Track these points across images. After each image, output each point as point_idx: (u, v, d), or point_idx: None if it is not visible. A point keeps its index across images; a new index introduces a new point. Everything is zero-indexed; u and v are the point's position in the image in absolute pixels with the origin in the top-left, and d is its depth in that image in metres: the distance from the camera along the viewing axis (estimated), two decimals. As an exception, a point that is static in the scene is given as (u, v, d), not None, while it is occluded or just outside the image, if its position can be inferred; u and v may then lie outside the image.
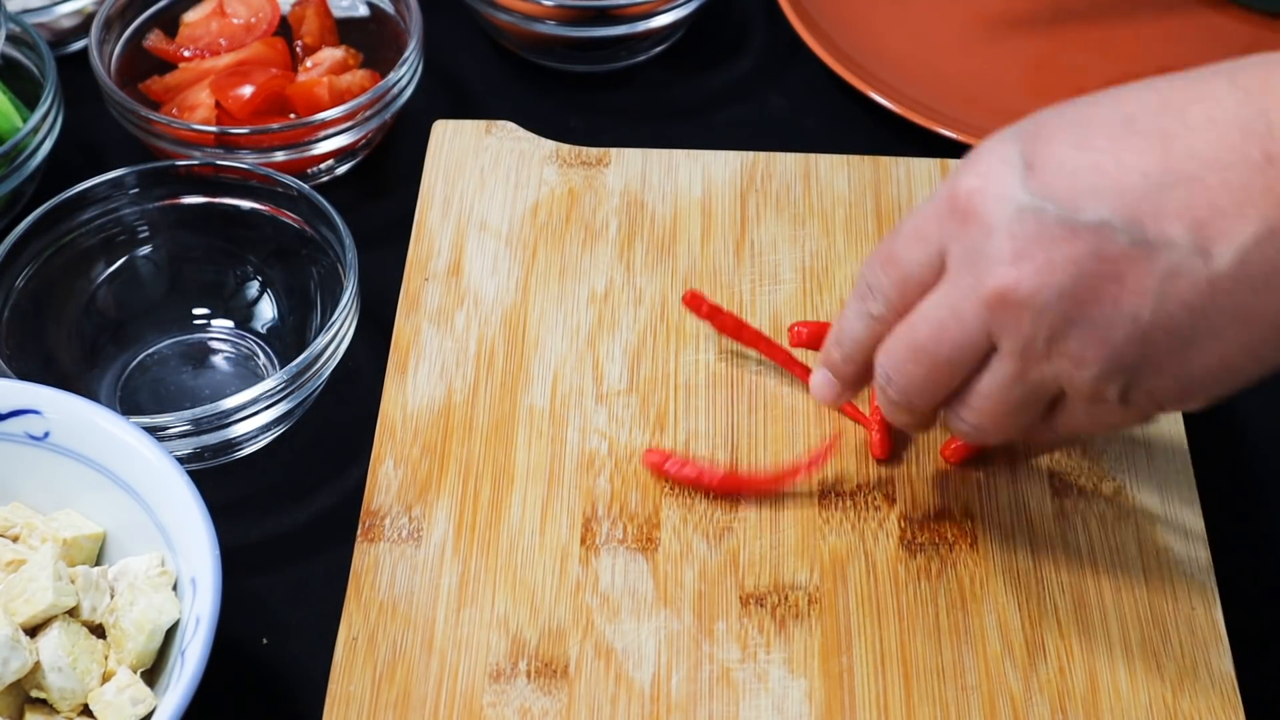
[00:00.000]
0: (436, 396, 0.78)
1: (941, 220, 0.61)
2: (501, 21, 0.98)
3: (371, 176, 0.95)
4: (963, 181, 0.61)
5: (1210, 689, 0.68)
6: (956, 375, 0.63)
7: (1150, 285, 0.57)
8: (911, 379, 0.64)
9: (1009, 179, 0.59)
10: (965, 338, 0.61)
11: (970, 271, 0.60)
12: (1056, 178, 0.58)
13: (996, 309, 0.60)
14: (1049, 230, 0.58)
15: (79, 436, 0.70)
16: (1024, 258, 0.58)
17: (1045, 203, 0.58)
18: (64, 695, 0.65)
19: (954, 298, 0.61)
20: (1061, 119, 0.60)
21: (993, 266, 0.59)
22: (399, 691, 0.68)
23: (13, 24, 0.91)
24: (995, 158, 0.60)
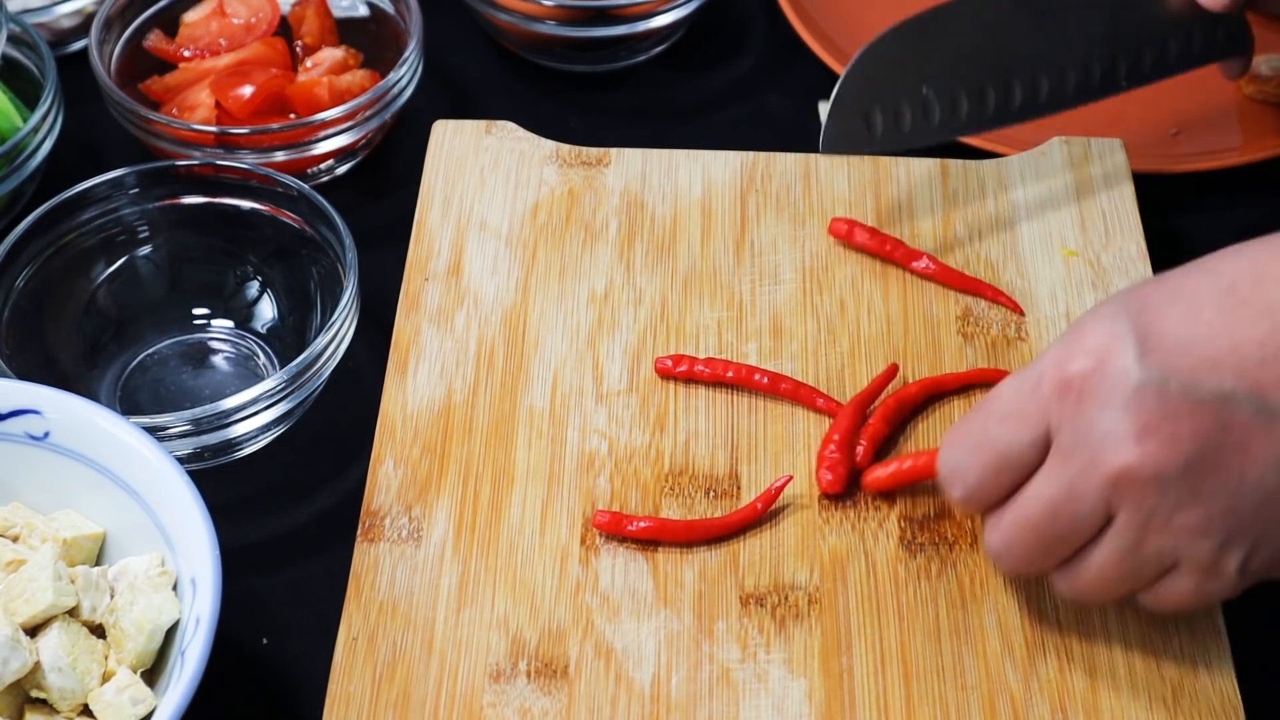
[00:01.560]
0: (436, 396, 0.78)
1: (1047, 399, 0.62)
2: (501, 21, 0.98)
3: (371, 176, 0.95)
4: (1073, 360, 0.61)
5: (1210, 689, 0.68)
6: (1070, 547, 0.64)
7: (1274, 452, 0.59)
8: (1024, 556, 0.64)
9: (1125, 355, 0.60)
10: (1082, 515, 0.62)
11: (1087, 450, 0.60)
12: (1173, 353, 0.59)
13: (1120, 486, 0.60)
14: (1172, 405, 0.59)
15: (79, 436, 0.70)
16: (1149, 433, 0.59)
17: (1167, 378, 0.59)
18: (64, 695, 0.65)
19: (1068, 476, 0.61)
20: (1160, 292, 0.61)
21: (1115, 443, 0.60)
22: (399, 691, 0.68)
23: (13, 24, 0.91)
24: (1105, 334, 0.61)
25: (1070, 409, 0.61)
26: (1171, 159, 0.92)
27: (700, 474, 0.75)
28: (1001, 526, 0.64)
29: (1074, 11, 0.83)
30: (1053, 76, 0.83)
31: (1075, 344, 0.62)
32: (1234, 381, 0.58)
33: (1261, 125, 0.95)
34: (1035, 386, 0.62)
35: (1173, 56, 0.85)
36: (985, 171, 0.87)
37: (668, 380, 0.78)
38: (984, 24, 0.82)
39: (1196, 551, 0.61)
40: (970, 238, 0.84)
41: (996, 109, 0.83)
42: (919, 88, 0.82)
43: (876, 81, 0.81)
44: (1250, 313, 0.59)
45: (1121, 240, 0.84)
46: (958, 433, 0.65)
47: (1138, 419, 0.59)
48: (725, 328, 0.81)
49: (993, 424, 0.64)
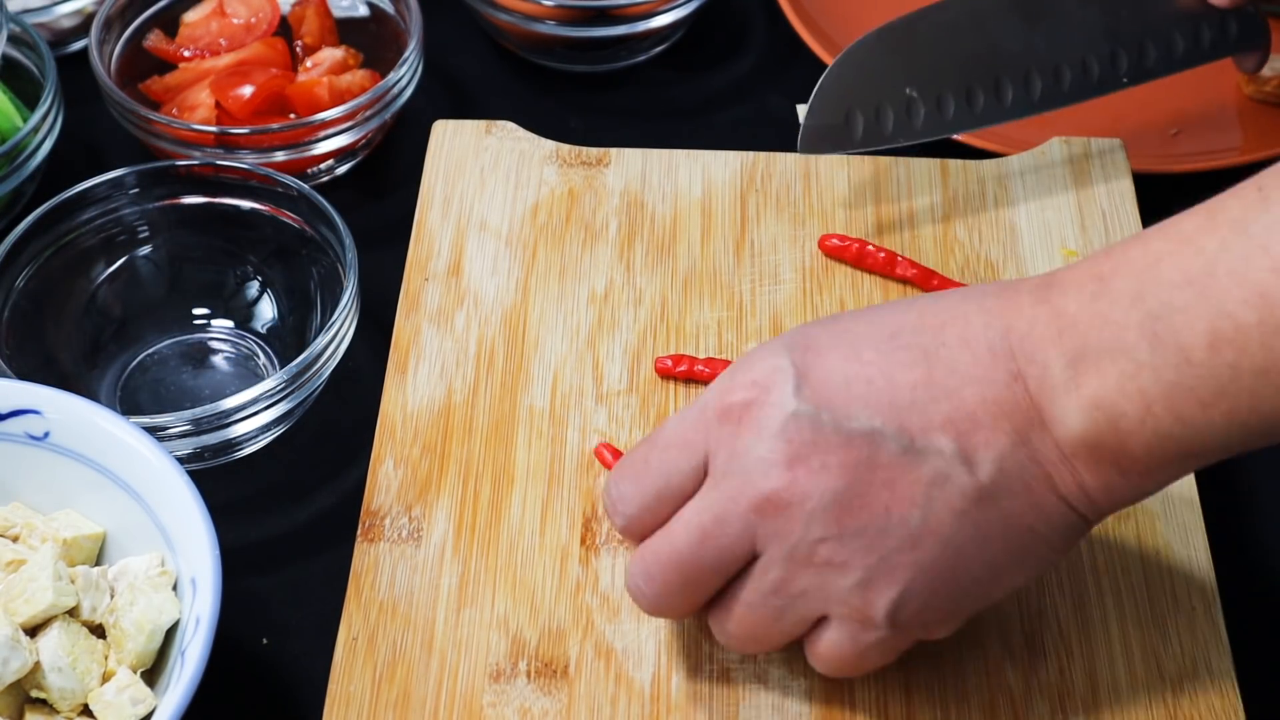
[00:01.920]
0: (436, 396, 0.78)
1: (708, 427, 0.61)
2: (501, 21, 0.98)
3: (371, 176, 0.95)
4: (735, 391, 0.61)
5: (1210, 689, 0.68)
6: (715, 583, 0.62)
7: (919, 491, 0.59)
8: (667, 588, 0.62)
9: (783, 387, 0.60)
10: (728, 543, 0.61)
11: (738, 476, 0.60)
12: (829, 388, 0.60)
13: (767, 512, 0.60)
14: (823, 436, 0.59)
15: (79, 436, 0.70)
16: (798, 461, 0.59)
17: (819, 411, 0.59)
18: (64, 695, 0.65)
19: (718, 503, 0.61)
20: (828, 332, 0.62)
21: (765, 469, 0.60)
22: (399, 691, 0.68)
23: (13, 24, 0.91)
24: (767, 367, 0.61)
25: (728, 435, 0.61)
26: (1171, 159, 0.92)
27: (700, 474, 0.75)
28: (645, 556, 0.63)
29: (1071, 8, 0.82)
30: (1047, 74, 0.82)
31: (739, 375, 0.62)
32: (884, 420, 0.59)
33: (1261, 125, 0.95)
34: (699, 415, 0.62)
35: (1179, 52, 0.84)
36: (985, 171, 0.87)
37: (668, 380, 0.78)
38: (972, 23, 0.81)
39: (840, 590, 0.60)
40: (970, 238, 0.84)
41: (986, 107, 0.82)
42: (902, 88, 0.81)
43: (857, 82, 0.81)
44: (907, 358, 0.60)
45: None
46: (623, 462, 0.64)
47: (788, 447, 0.59)
48: (725, 328, 0.81)
49: (656, 452, 0.63)
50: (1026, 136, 0.90)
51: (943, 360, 0.60)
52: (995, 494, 0.59)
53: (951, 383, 0.59)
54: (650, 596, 0.63)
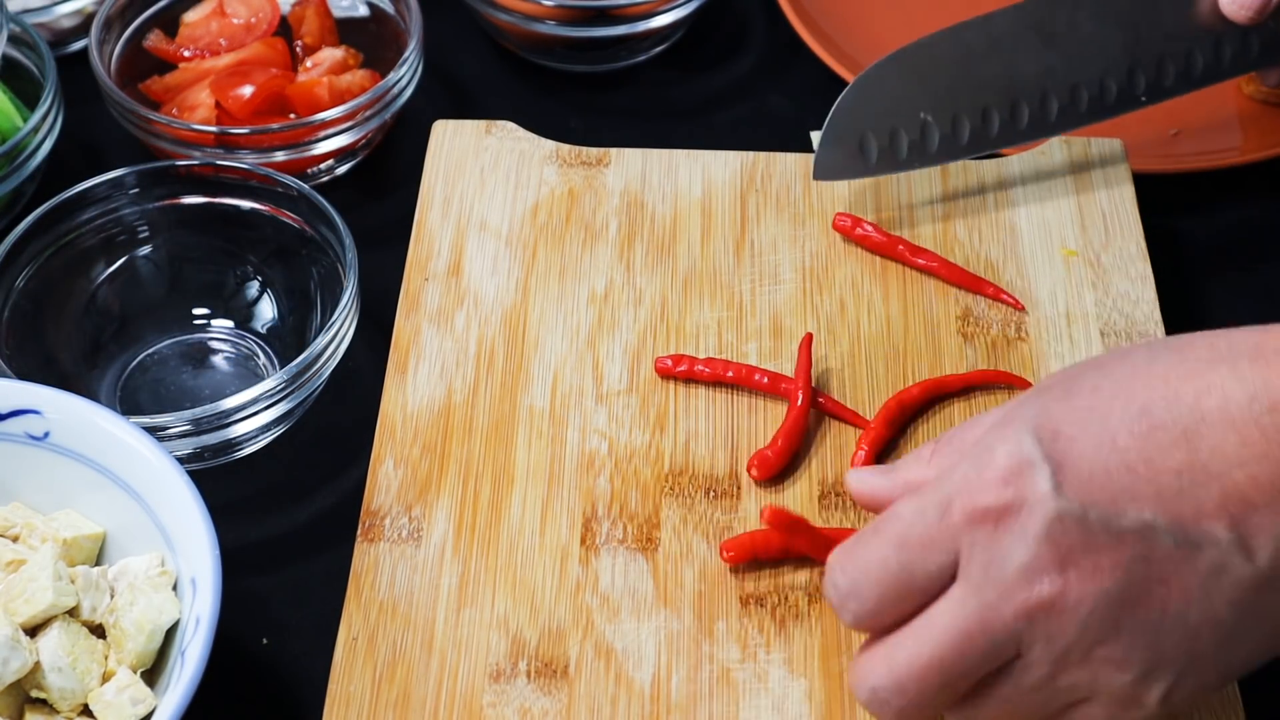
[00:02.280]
0: (436, 396, 0.78)
1: (957, 528, 0.58)
2: (501, 21, 0.98)
3: (371, 176, 0.95)
4: (985, 490, 0.58)
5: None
6: (970, 684, 0.59)
7: (1196, 584, 0.56)
8: (923, 696, 0.59)
9: (1040, 484, 0.57)
10: (994, 648, 0.58)
11: (1001, 580, 0.57)
12: (1091, 481, 0.57)
13: (1038, 618, 0.57)
14: (1092, 536, 0.56)
15: (79, 436, 0.70)
16: (1070, 565, 0.56)
17: (1086, 509, 0.56)
18: (64, 695, 0.65)
19: (981, 609, 0.58)
20: (1073, 411, 0.59)
21: (1033, 575, 0.57)
22: (399, 691, 0.68)
23: (13, 24, 0.91)
24: (1018, 461, 0.58)
25: (983, 538, 0.57)
26: (1171, 159, 0.92)
27: (700, 474, 0.75)
28: (896, 662, 0.59)
29: (1087, 28, 0.81)
30: (1063, 95, 0.81)
31: (986, 470, 0.58)
32: (1154, 512, 0.56)
33: (1261, 125, 0.95)
34: (943, 513, 0.58)
35: (1199, 69, 0.83)
36: (985, 171, 0.87)
37: (668, 380, 0.78)
38: (989, 46, 0.81)
39: (1114, 684, 0.58)
40: (970, 238, 0.84)
41: (1001, 129, 0.82)
42: (916, 112, 0.81)
43: (870, 108, 0.81)
44: (1166, 439, 0.57)
45: (1121, 240, 0.84)
46: (851, 553, 0.61)
47: (1057, 551, 0.56)
48: (725, 328, 0.81)
49: (893, 548, 0.59)
50: (1026, 136, 0.90)
51: (1205, 441, 0.56)
52: (1274, 578, 0.57)
53: (1217, 465, 0.56)
54: (903, 708, 0.60)
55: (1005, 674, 0.59)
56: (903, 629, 0.60)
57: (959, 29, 0.81)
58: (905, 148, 0.80)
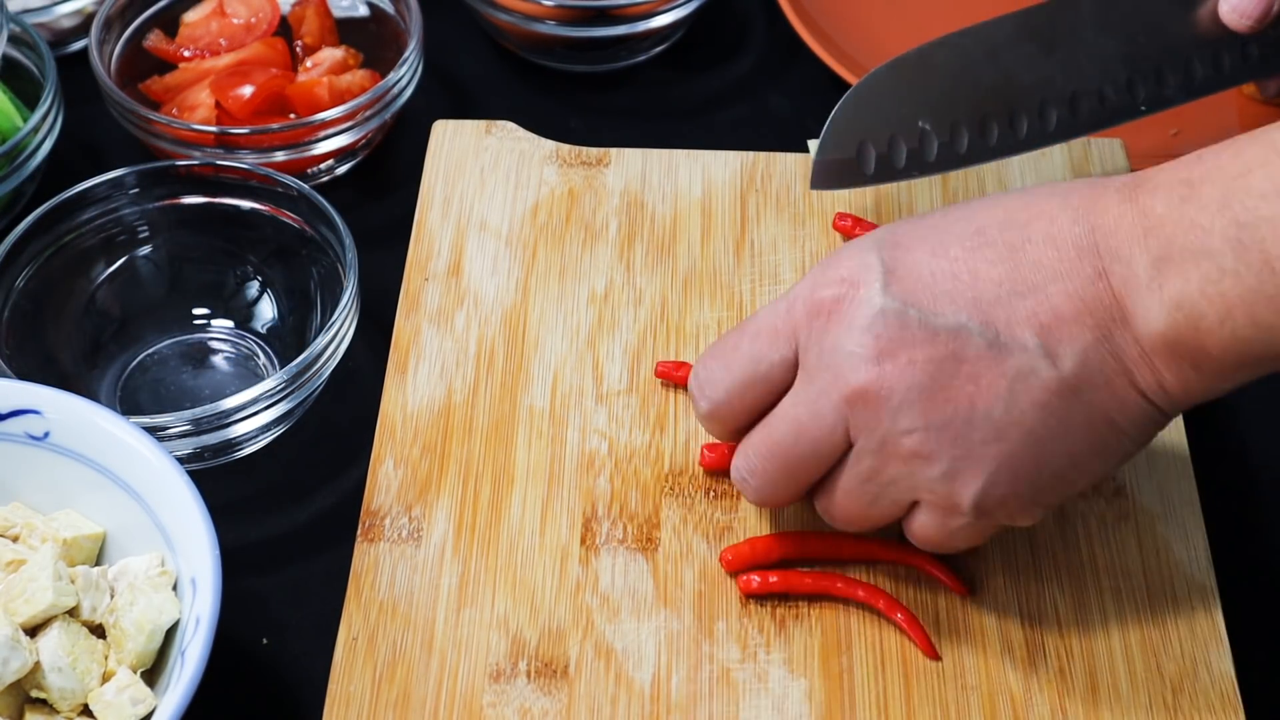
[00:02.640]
0: (436, 396, 0.78)
1: (796, 321, 0.64)
2: (501, 21, 0.98)
3: (371, 176, 0.95)
4: (824, 286, 0.64)
5: (1210, 689, 0.68)
6: (814, 472, 0.66)
7: (1004, 385, 0.61)
8: (769, 477, 0.66)
9: (871, 283, 0.63)
10: (823, 435, 0.64)
11: (830, 369, 0.63)
12: (916, 284, 0.62)
13: (856, 405, 0.63)
14: (910, 332, 0.62)
15: (79, 436, 0.70)
16: (886, 356, 0.62)
17: (907, 307, 0.62)
18: (64, 695, 0.65)
19: (811, 397, 0.64)
20: (916, 229, 0.64)
21: (855, 364, 0.62)
22: (399, 691, 0.68)
23: (13, 24, 0.91)
24: (856, 263, 0.64)
25: (818, 330, 0.63)
26: (1171, 159, 0.92)
27: (700, 474, 0.75)
28: (748, 449, 0.66)
29: (1086, 37, 0.80)
30: (1062, 104, 0.80)
31: (829, 271, 0.64)
32: (969, 315, 0.61)
33: (1261, 125, 0.95)
34: (789, 308, 0.65)
35: (1199, 78, 0.82)
36: (985, 171, 0.87)
37: (668, 382, 0.78)
38: (986, 54, 0.79)
39: (927, 479, 0.63)
40: (970, 238, 0.84)
41: (1001, 139, 0.80)
42: (914, 121, 0.79)
43: (868, 116, 0.79)
44: (992, 254, 0.62)
45: (1121, 240, 0.84)
46: (711, 348, 0.68)
47: (876, 342, 0.62)
48: (725, 328, 0.81)
49: (745, 340, 0.66)
50: (1026, 136, 0.90)
51: (1028, 256, 0.62)
52: (1077, 387, 0.61)
53: (1036, 279, 0.61)
54: (755, 487, 0.67)
55: (841, 465, 0.65)
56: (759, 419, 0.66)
57: (957, 37, 0.80)
58: (903, 157, 0.79)
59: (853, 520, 0.67)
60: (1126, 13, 0.80)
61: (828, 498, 0.67)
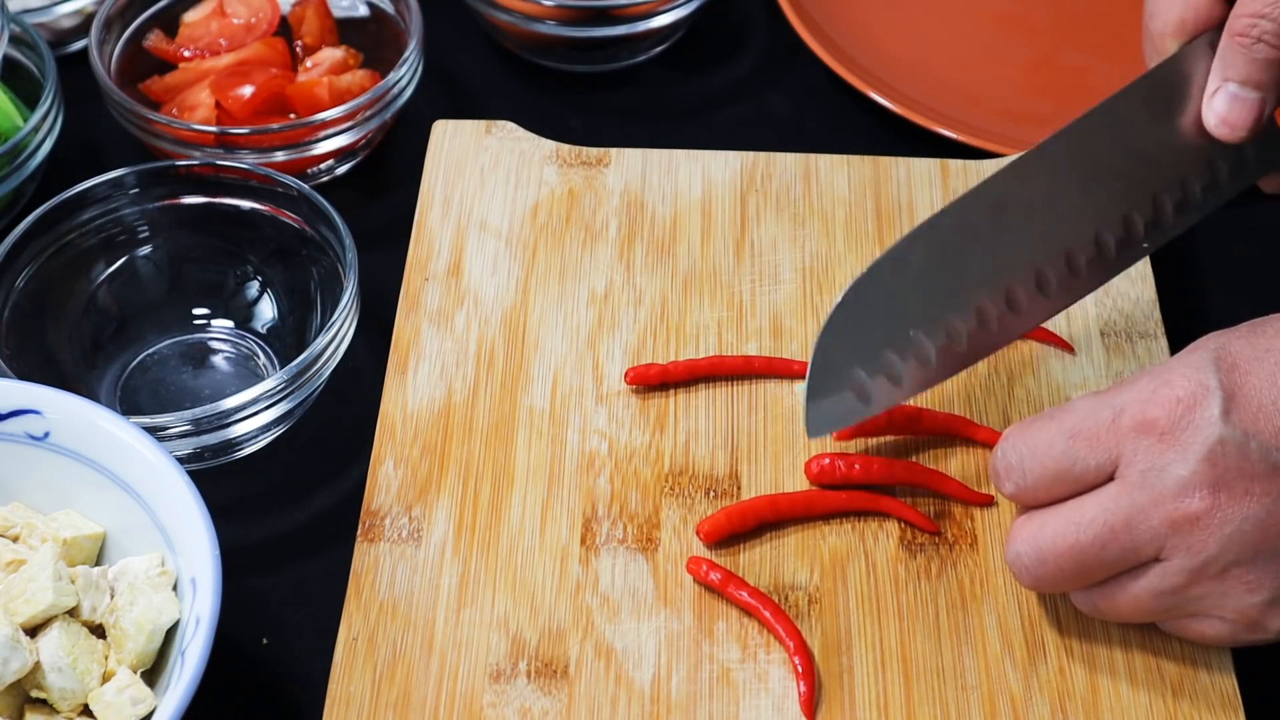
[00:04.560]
0: (436, 396, 0.78)
1: (1124, 433, 0.63)
2: (501, 21, 0.98)
3: (371, 176, 0.95)
4: (1157, 404, 0.63)
5: (1210, 689, 0.68)
6: (1106, 575, 0.65)
7: None
8: (1061, 573, 0.65)
9: (1210, 408, 0.62)
10: (1135, 548, 0.63)
11: (1156, 490, 0.62)
12: (1258, 414, 0.62)
13: (1182, 529, 0.62)
14: (1250, 464, 0.61)
15: (79, 436, 0.70)
16: (1222, 486, 0.61)
17: (1249, 439, 0.61)
18: (64, 695, 0.65)
19: (1132, 509, 0.63)
20: (1254, 349, 0.63)
21: (1187, 489, 0.62)
22: (399, 692, 0.68)
23: (13, 24, 0.91)
24: (1194, 384, 0.63)
25: (1146, 447, 0.63)
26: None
27: (700, 474, 0.75)
28: (1042, 537, 0.65)
29: (1068, 189, 0.71)
30: (1058, 265, 0.71)
31: (1162, 387, 0.63)
32: None
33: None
34: (1115, 417, 0.64)
35: (1197, 197, 0.73)
36: (985, 171, 0.87)
37: (639, 387, 0.78)
38: (962, 238, 0.70)
39: (1243, 605, 0.63)
40: (970, 238, 0.84)
41: (1001, 323, 0.72)
42: (904, 333, 0.71)
43: (852, 342, 0.70)
44: None
45: (1121, 240, 0.84)
46: (1024, 432, 0.66)
47: (1214, 470, 0.61)
48: (725, 328, 0.81)
49: (1062, 436, 0.65)
50: (1026, 136, 0.90)
51: None
52: None
53: None
54: (1039, 577, 0.66)
55: (1140, 574, 0.64)
56: (1056, 507, 0.65)
57: (927, 227, 0.70)
58: (902, 374, 0.71)
59: (1127, 617, 0.67)
60: (1103, 151, 0.72)
61: (1109, 598, 0.66)
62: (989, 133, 0.92)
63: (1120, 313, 0.81)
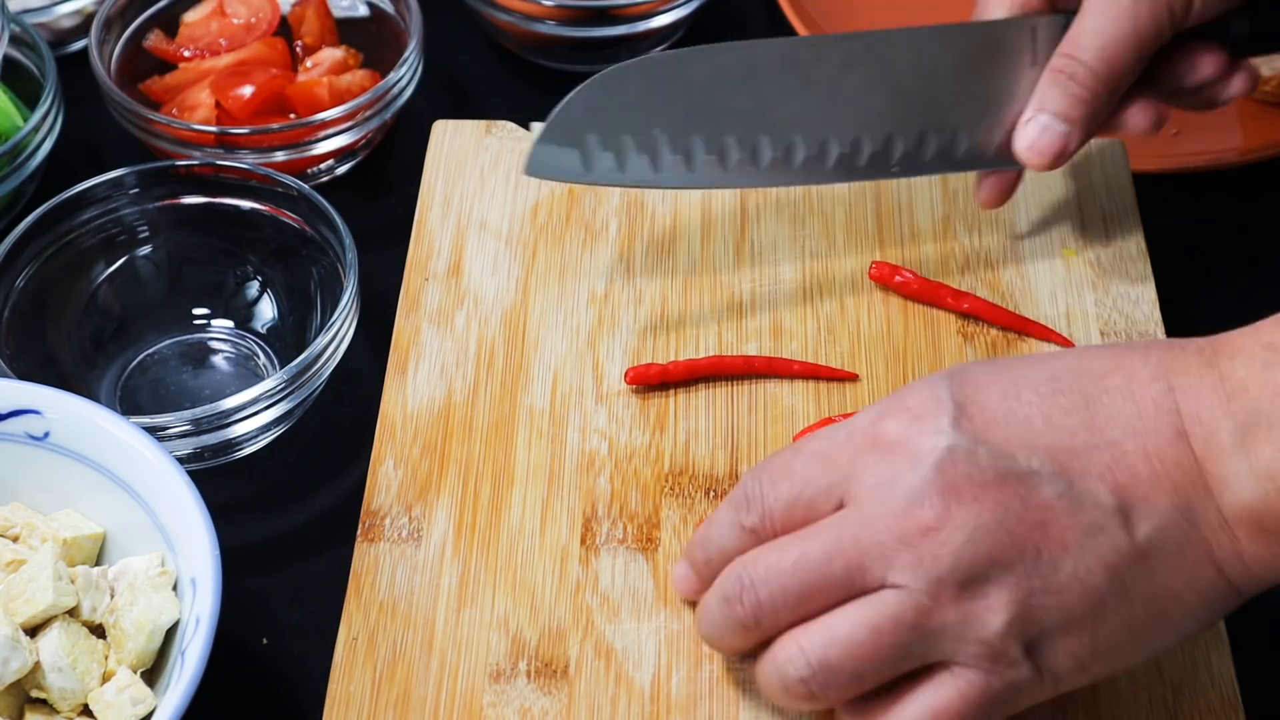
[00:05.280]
0: (436, 396, 0.78)
1: (857, 450, 0.60)
2: (501, 21, 0.98)
3: (371, 176, 0.95)
4: (889, 418, 0.60)
5: (1210, 689, 0.68)
6: (825, 605, 0.60)
7: (1073, 538, 0.58)
8: (782, 594, 0.60)
9: (940, 418, 0.59)
10: (861, 566, 0.59)
11: (884, 504, 0.59)
12: (989, 425, 0.59)
13: (912, 542, 0.58)
14: (981, 472, 0.58)
15: (79, 436, 0.70)
16: (951, 494, 0.58)
17: (977, 445, 0.59)
18: (64, 695, 0.65)
19: (857, 523, 0.59)
20: (987, 370, 0.61)
21: (918, 499, 0.58)
22: (399, 691, 0.68)
23: (13, 24, 0.91)
24: (925, 397, 0.60)
25: (874, 462, 0.60)
26: (1171, 159, 0.92)
27: (700, 474, 0.75)
28: (758, 565, 0.61)
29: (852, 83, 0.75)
30: (812, 145, 0.75)
31: (895, 404, 0.61)
32: (1042, 461, 0.58)
33: (1261, 125, 0.95)
34: (848, 437, 0.61)
35: (961, 153, 0.78)
36: (985, 171, 0.87)
37: (639, 387, 0.78)
38: (743, 75, 0.73)
39: (984, 631, 0.58)
40: (970, 238, 0.84)
41: (740, 167, 0.75)
42: (650, 128, 0.73)
43: (603, 111, 0.73)
44: (1067, 402, 0.59)
45: (1121, 240, 0.84)
46: (764, 463, 0.63)
47: (943, 479, 0.58)
48: (725, 328, 0.81)
49: (799, 459, 0.62)
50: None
51: (1104, 408, 0.59)
52: (1148, 555, 0.58)
53: (1113, 433, 0.59)
54: (753, 602, 0.61)
55: (873, 599, 0.59)
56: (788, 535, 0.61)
57: (717, 49, 0.74)
58: (631, 161, 0.73)
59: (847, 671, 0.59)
60: (900, 67, 0.76)
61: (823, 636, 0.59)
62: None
63: (1120, 313, 0.81)
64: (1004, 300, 0.81)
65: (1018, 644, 0.58)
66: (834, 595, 0.59)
